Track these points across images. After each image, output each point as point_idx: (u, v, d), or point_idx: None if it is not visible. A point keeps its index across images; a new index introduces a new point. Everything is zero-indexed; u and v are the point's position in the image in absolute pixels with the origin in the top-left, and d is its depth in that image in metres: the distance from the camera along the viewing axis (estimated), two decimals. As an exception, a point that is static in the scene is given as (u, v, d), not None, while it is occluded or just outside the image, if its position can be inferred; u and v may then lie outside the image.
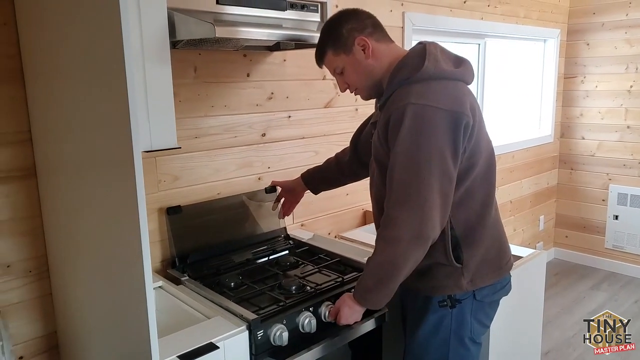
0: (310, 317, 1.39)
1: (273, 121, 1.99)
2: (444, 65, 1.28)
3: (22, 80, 1.38)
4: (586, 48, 3.77)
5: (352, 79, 1.39)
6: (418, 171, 1.21)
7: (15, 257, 1.43)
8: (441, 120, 1.21)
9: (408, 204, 1.21)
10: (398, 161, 1.23)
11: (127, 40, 0.91)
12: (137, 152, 0.97)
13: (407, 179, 1.21)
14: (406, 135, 1.21)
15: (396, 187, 1.23)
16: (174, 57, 1.33)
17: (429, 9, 2.62)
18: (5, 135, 1.37)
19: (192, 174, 1.77)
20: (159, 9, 1.23)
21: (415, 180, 1.21)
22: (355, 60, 1.35)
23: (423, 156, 1.20)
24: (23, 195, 1.42)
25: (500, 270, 1.41)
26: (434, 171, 1.20)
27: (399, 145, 1.22)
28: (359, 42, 1.32)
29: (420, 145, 1.21)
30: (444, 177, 1.22)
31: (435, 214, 1.21)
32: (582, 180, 3.93)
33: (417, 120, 1.21)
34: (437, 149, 1.21)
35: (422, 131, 1.21)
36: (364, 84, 1.39)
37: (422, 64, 1.26)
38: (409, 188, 1.21)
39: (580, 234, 3.99)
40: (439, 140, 1.21)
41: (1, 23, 1.33)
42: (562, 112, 3.95)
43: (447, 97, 1.24)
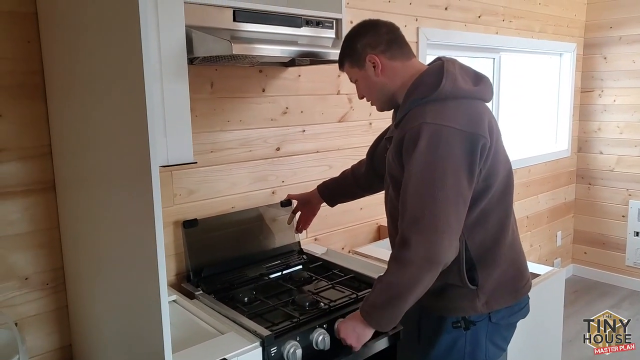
0: (324, 334, 1.38)
1: (287, 135, 2.00)
2: (462, 84, 1.26)
3: (44, 95, 1.41)
4: (603, 62, 3.73)
5: (364, 92, 1.41)
6: (432, 193, 1.18)
7: (33, 269, 1.45)
8: (457, 141, 1.19)
9: (421, 227, 1.18)
10: (412, 182, 1.20)
11: (147, 58, 0.93)
12: (154, 167, 0.98)
13: (421, 201, 1.19)
14: (421, 155, 1.19)
15: (410, 208, 1.20)
16: (191, 73, 1.35)
17: (444, 24, 2.63)
18: (27, 150, 1.40)
19: (207, 188, 1.78)
20: (177, 27, 1.25)
21: (430, 202, 1.18)
22: (367, 76, 1.35)
23: (438, 177, 1.18)
24: (42, 208, 1.44)
25: (517, 293, 1.38)
26: (449, 193, 1.18)
27: (414, 165, 1.20)
28: (369, 59, 1.33)
29: (435, 166, 1.18)
30: (458, 199, 1.19)
31: (448, 238, 1.18)
32: (600, 195, 3.86)
33: (433, 141, 1.19)
34: (452, 171, 1.18)
35: (437, 152, 1.18)
36: (374, 97, 1.40)
37: (440, 83, 1.24)
38: (423, 210, 1.18)
39: (599, 251, 3.91)
40: (455, 162, 1.18)
41: (25, 40, 1.36)
42: (579, 126, 3.90)
43: (464, 118, 1.21)
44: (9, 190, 1.37)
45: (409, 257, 1.19)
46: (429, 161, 1.19)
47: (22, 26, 1.35)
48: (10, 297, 1.41)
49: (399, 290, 1.22)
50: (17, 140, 1.38)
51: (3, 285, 1.40)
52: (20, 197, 1.39)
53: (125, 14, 0.96)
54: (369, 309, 1.28)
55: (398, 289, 1.22)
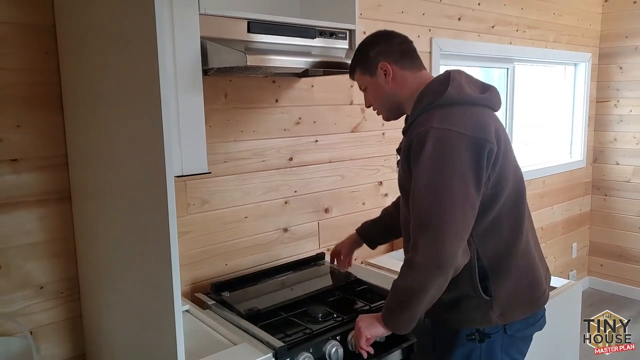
0: (337, 346, 1.36)
1: (300, 145, 2.00)
2: (468, 91, 1.27)
3: (60, 106, 1.43)
4: (619, 72, 3.69)
5: (373, 100, 1.42)
6: (439, 196, 1.18)
7: (48, 278, 1.46)
8: (464, 145, 1.19)
9: (429, 230, 1.18)
10: (420, 185, 1.20)
11: (163, 70, 0.94)
12: (169, 177, 0.99)
13: (428, 204, 1.19)
14: (428, 159, 1.19)
15: (418, 212, 1.20)
16: (206, 84, 1.36)
17: (457, 34, 2.62)
18: (43, 160, 1.41)
19: (220, 198, 1.78)
20: (192, 39, 1.27)
21: (436, 206, 1.18)
22: (377, 83, 1.37)
23: (445, 181, 1.18)
24: (57, 217, 1.45)
25: (534, 305, 1.36)
26: (456, 197, 1.17)
27: (421, 169, 1.20)
28: (381, 66, 1.35)
29: (443, 169, 1.18)
30: (465, 203, 1.18)
31: (457, 242, 1.17)
32: (617, 206, 3.80)
33: (440, 145, 1.19)
34: (460, 174, 1.18)
35: (444, 155, 1.19)
36: (381, 105, 1.41)
37: (446, 89, 1.25)
38: (430, 213, 1.18)
39: (616, 263, 3.84)
40: (462, 165, 1.18)
41: (44, 52, 1.39)
42: (594, 136, 3.86)
43: (471, 123, 1.22)
44: (25, 199, 1.39)
45: (416, 261, 1.19)
46: (435, 165, 1.19)
47: (41, 38, 1.38)
48: (26, 306, 1.42)
49: (409, 294, 1.22)
50: (34, 150, 1.40)
51: (19, 294, 1.41)
52: (36, 206, 1.41)
53: (141, 26, 0.98)
54: (385, 311, 1.29)
55: (408, 293, 1.22)
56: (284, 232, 1.98)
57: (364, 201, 2.24)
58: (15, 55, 1.35)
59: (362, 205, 2.24)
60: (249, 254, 1.88)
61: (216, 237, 1.79)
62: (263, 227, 1.91)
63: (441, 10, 2.52)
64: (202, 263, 1.76)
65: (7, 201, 1.36)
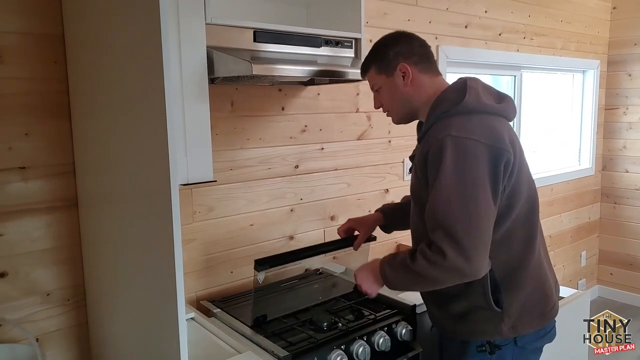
0: (341, 355, 1.36)
1: (306, 153, 2.00)
2: (485, 100, 1.26)
3: (68, 114, 1.44)
4: (628, 79, 3.67)
5: (386, 101, 1.38)
6: (465, 206, 1.15)
7: (55, 285, 1.47)
8: (483, 154, 1.17)
9: (456, 241, 1.14)
10: (441, 193, 1.17)
11: (168, 79, 0.95)
12: (174, 186, 0.99)
13: (453, 213, 1.16)
14: (449, 168, 1.16)
15: (440, 218, 1.17)
16: (212, 92, 1.37)
17: (464, 42, 2.62)
18: (51, 167, 1.43)
19: (226, 205, 1.79)
20: (198, 48, 1.28)
21: (463, 215, 1.15)
22: (394, 84, 1.34)
23: (468, 191, 1.16)
24: (64, 225, 1.46)
25: (544, 317, 1.34)
26: (480, 207, 1.16)
27: (442, 177, 1.17)
28: (401, 67, 1.31)
29: (465, 179, 1.16)
30: (488, 213, 1.17)
31: (484, 253, 1.16)
32: (627, 215, 3.76)
33: (459, 153, 1.17)
34: (481, 184, 1.16)
35: (465, 165, 1.17)
36: (395, 108, 1.38)
37: (463, 97, 1.24)
38: (455, 223, 1.15)
39: (626, 272, 3.79)
40: (482, 175, 1.16)
41: (52, 61, 1.40)
42: (603, 144, 3.83)
43: (488, 132, 1.20)
44: (33, 207, 1.40)
45: (443, 264, 1.16)
46: (458, 174, 1.16)
47: (50, 48, 1.40)
48: (33, 313, 1.43)
49: (418, 280, 1.23)
50: (42, 158, 1.41)
51: (25, 301, 1.42)
52: (43, 214, 1.42)
53: (147, 36, 0.99)
54: (388, 273, 1.29)
55: (418, 278, 1.22)
56: (290, 240, 1.98)
57: (370, 209, 2.24)
58: (25, 64, 1.36)
59: (369, 213, 2.23)
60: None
61: (222, 244, 1.79)
62: (269, 234, 1.92)
63: (448, 18, 2.52)
64: (208, 270, 1.76)
65: (15, 208, 1.38)
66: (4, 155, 1.35)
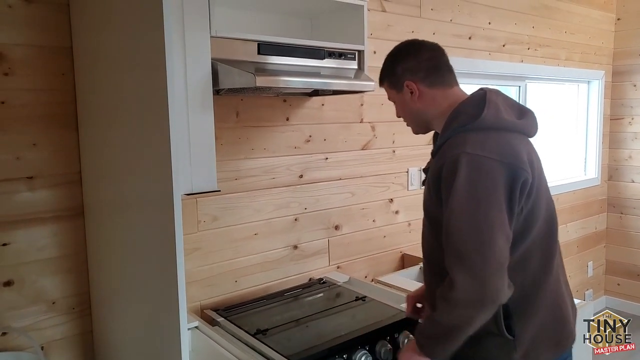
0: (344, 364, 1.36)
1: (310, 163, 2.02)
2: (504, 115, 1.20)
3: (75, 125, 1.47)
4: (633, 89, 3.66)
5: (401, 113, 1.37)
6: (476, 228, 1.10)
7: (61, 293, 1.48)
8: (499, 174, 1.11)
9: (467, 265, 1.09)
10: (454, 215, 1.12)
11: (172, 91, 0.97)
12: (177, 195, 1.01)
13: (464, 236, 1.10)
14: (462, 187, 1.11)
15: (453, 244, 1.12)
16: (217, 103, 1.39)
17: (467, 52, 2.64)
18: (58, 177, 1.45)
19: (231, 215, 1.80)
20: (203, 61, 1.30)
21: (474, 238, 1.10)
22: (404, 100, 1.32)
23: (482, 212, 1.10)
24: (71, 233, 1.48)
25: (559, 346, 1.26)
26: (494, 229, 1.09)
27: (455, 198, 1.12)
28: (407, 84, 1.29)
29: (478, 199, 1.10)
30: (503, 235, 1.10)
31: (499, 274, 1.09)
32: (633, 225, 3.73)
33: (474, 172, 1.11)
34: (497, 204, 1.10)
35: (478, 184, 1.11)
36: (410, 120, 1.37)
37: (481, 112, 1.18)
38: (466, 246, 1.10)
39: (633, 282, 3.76)
40: (497, 196, 1.10)
41: (60, 73, 1.43)
42: (609, 154, 3.81)
43: (506, 150, 1.14)
44: (39, 216, 1.42)
45: (455, 297, 1.11)
46: (471, 194, 1.11)
47: (58, 59, 1.43)
48: (38, 321, 1.45)
49: (449, 329, 1.15)
50: (49, 168, 1.43)
51: (31, 309, 1.43)
52: (50, 223, 1.44)
53: (152, 48, 1.01)
54: (423, 341, 1.21)
55: (448, 328, 1.15)
56: (294, 249, 1.99)
57: (374, 218, 2.25)
58: (33, 76, 1.39)
59: (373, 223, 2.24)
60: (258, 270, 1.89)
61: (226, 253, 1.80)
62: (273, 244, 1.92)
63: (451, 30, 2.54)
64: (212, 279, 1.77)
65: (22, 218, 1.40)
66: (12, 165, 1.38)
